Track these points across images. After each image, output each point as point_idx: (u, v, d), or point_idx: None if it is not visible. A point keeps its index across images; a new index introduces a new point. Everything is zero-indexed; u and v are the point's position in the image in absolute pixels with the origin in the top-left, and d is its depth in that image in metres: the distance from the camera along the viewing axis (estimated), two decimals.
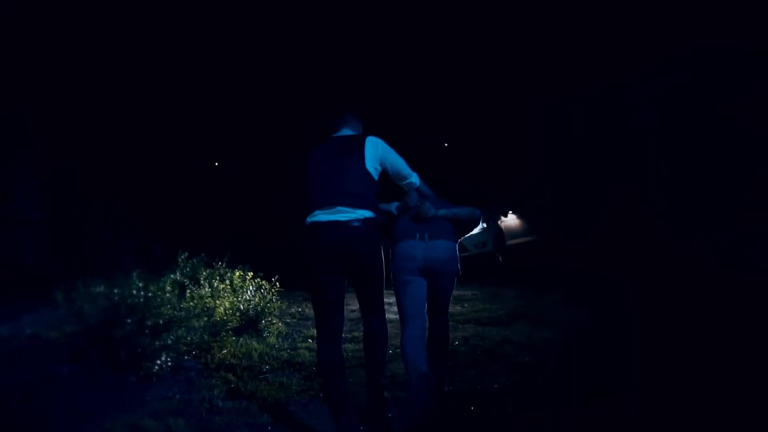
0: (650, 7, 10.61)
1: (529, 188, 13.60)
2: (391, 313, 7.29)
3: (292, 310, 7.58)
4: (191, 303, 5.19)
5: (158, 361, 3.61)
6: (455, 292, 8.35)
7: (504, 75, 13.21)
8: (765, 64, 9.01)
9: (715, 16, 9.57)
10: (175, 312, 3.92)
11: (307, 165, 3.28)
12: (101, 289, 3.77)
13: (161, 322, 3.80)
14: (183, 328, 4.13)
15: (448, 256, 3.51)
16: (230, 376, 3.99)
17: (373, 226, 3.19)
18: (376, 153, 3.26)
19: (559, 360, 4.61)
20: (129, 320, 3.62)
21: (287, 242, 11.70)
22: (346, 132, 3.44)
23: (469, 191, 12.09)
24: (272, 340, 5.29)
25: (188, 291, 5.33)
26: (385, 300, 3.37)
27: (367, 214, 3.15)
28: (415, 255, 3.47)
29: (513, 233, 11.93)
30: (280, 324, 5.88)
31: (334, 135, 3.43)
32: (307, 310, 7.58)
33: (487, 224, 11.12)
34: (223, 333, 5.10)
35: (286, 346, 5.22)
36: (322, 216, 3.13)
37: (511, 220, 11.97)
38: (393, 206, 3.66)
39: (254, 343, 5.03)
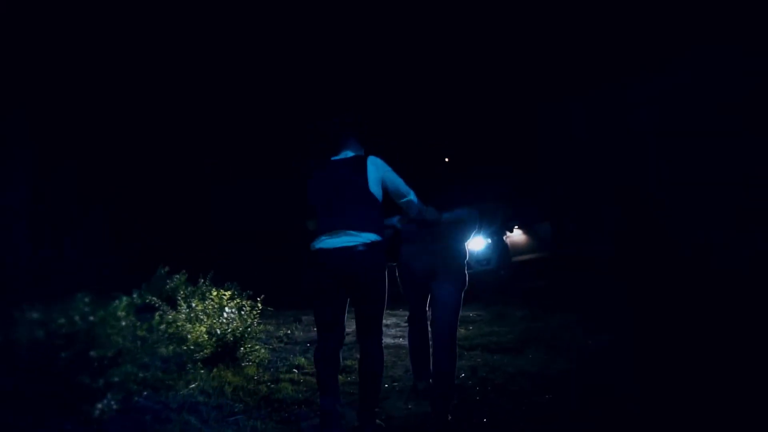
0: (650, 6, 10.47)
1: (535, 200, 12.96)
2: (388, 337, 6.66)
3: (281, 332, 6.90)
4: (161, 328, 4.51)
5: (99, 405, 2.94)
6: (463, 314, 7.75)
7: (504, 78, 13.09)
8: (765, 64, 8.96)
9: (715, 16, 9.52)
10: (127, 342, 3.25)
11: (309, 189, 3.34)
12: (37, 315, 3.12)
13: (109, 354, 3.14)
14: (139, 360, 3.46)
15: (452, 259, 3.59)
16: (193, 419, 3.32)
17: (378, 250, 3.20)
18: (378, 173, 3.28)
19: (583, 398, 3.94)
20: (65, 353, 2.96)
21: (286, 258, 11.22)
22: (347, 153, 3.43)
23: (472, 205, 11.54)
24: (251, 370, 4.62)
25: (158, 314, 4.66)
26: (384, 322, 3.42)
27: (372, 237, 3.17)
28: (420, 259, 3.57)
29: (519, 249, 11.28)
30: (263, 350, 5.21)
31: (335, 158, 3.42)
32: (297, 333, 6.92)
33: (491, 240, 10.48)
34: (193, 363, 4.42)
35: (266, 377, 4.55)
36: (327, 242, 3.17)
37: (517, 236, 11.33)
38: (395, 219, 3.66)
39: (229, 374, 4.36)
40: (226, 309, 5.24)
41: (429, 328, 3.85)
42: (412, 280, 3.75)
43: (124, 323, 3.40)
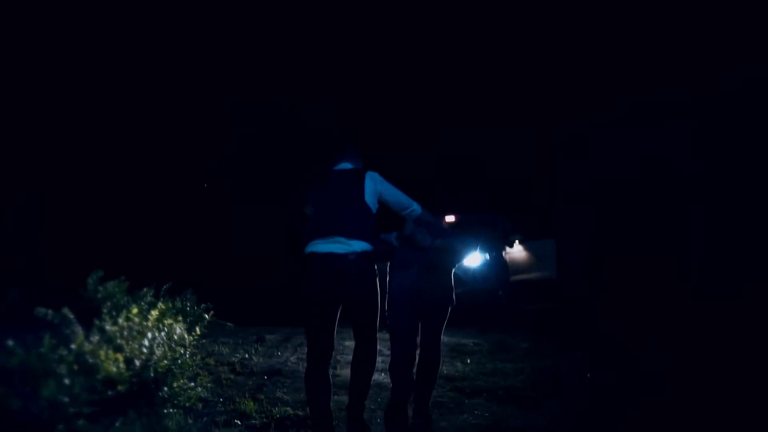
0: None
1: (540, 214, 11.83)
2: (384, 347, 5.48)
3: (236, 356, 5.61)
4: (62, 353, 3.22)
5: None
6: (453, 339, 6.50)
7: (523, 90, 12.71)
8: None
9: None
10: None
11: (307, 199, 3.40)
12: None
13: None
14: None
15: (442, 287, 3.68)
16: None
17: (369, 259, 3.29)
18: (375, 188, 3.38)
19: None
20: None
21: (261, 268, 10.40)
22: (346, 166, 3.50)
23: (472, 214, 10.36)
24: (172, 423, 3.33)
25: (47, 335, 3.35)
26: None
27: (364, 246, 3.26)
28: (410, 284, 3.59)
29: (519, 267, 10.06)
30: (198, 389, 3.92)
31: (335, 168, 3.50)
32: (256, 358, 5.63)
33: (489, 255, 9.26)
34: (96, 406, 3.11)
35: None
36: (319, 246, 3.25)
37: (517, 252, 10.11)
38: (393, 236, 3.73)
39: (137, 429, 3.07)
40: (158, 330, 3.95)
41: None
42: (404, 309, 3.64)
43: None
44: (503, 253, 9.73)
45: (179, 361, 3.74)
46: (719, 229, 9.16)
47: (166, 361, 3.64)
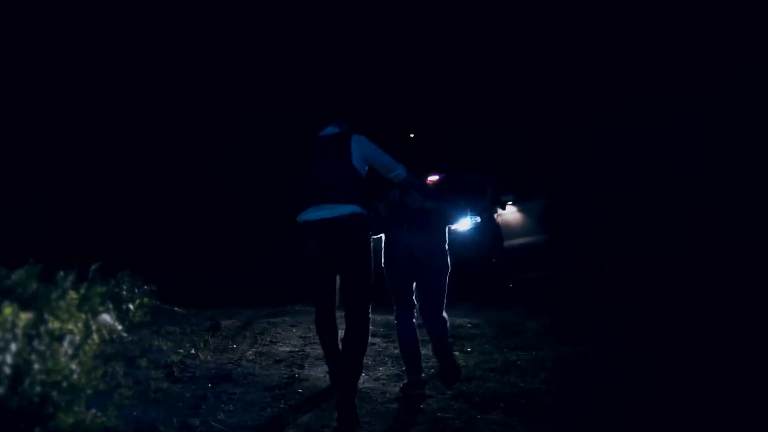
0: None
1: (535, 171, 10.79)
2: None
3: (180, 352, 4.41)
4: None
5: None
6: (450, 321, 5.31)
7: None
8: None
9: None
10: None
11: (296, 164, 3.51)
12: None
13: None
14: None
15: (435, 246, 3.70)
16: None
17: (361, 221, 3.36)
18: (362, 151, 3.43)
19: None
20: None
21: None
22: (332, 130, 3.52)
23: (458, 174, 9.19)
24: None
25: None
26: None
27: (354, 209, 3.32)
28: (402, 244, 3.66)
29: (513, 231, 8.95)
30: (98, 418, 2.72)
31: (320, 134, 3.53)
32: (203, 355, 4.42)
33: (480, 218, 8.13)
34: None
35: None
36: (311, 213, 3.35)
37: (510, 214, 8.98)
38: (379, 206, 3.77)
39: None
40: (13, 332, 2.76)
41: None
42: (398, 268, 3.70)
43: None
44: (495, 216, 8.61)
45: (72, 378, 2.53)
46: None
47: (59, 376, 2.44)
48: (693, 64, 10.39)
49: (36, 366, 2.53)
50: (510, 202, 8.91)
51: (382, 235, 3.79)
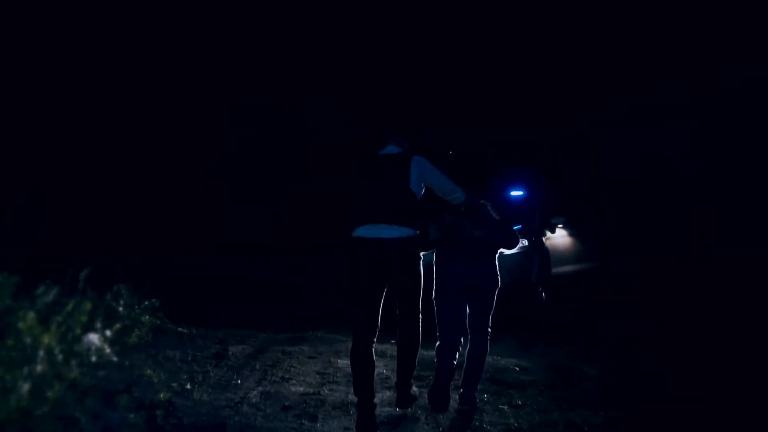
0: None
1: (586, 193, 9.96)
2: None
3: (173, 386, 3.69)
4: None
5: None
6: (489, 359, 4.49)
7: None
8: None
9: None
10: None
11: (354, 181, 3.49)
12: None
13: None
14: None
15: (487, 276, 3.69)
16: None
17: (413, 243, 3.41)
18: (421, 173, 3.44)
19: None
20: None
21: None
22: (392, 149, 3.55)
23: (507, 189, 8.39)
24: None
25: None
26: None
27: (409, 232, 3.36)
28: (455, 276, 3.64)
29: (562, 257, 8.06)
30: None
31: (381, 152, 3.57)
32: (197, 393, 3.69)
33: (528, 242, 7.27)
34: None
35: None
36: (366, 231, 3.35)
37: (560, 238, 8.09)
38: (431, 227, 3.70)
39: None
40: None
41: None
42: (449, 302, 3.69)
43: None
44: (544, 239, 7.74)
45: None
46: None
47: None
48: (693, 64, 10.42)
49: None
50: (560, 225, 8.03)
51: (429, 254, 3.75)
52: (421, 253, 3.55)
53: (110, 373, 3.71)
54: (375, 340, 3.39)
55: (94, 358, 3.58)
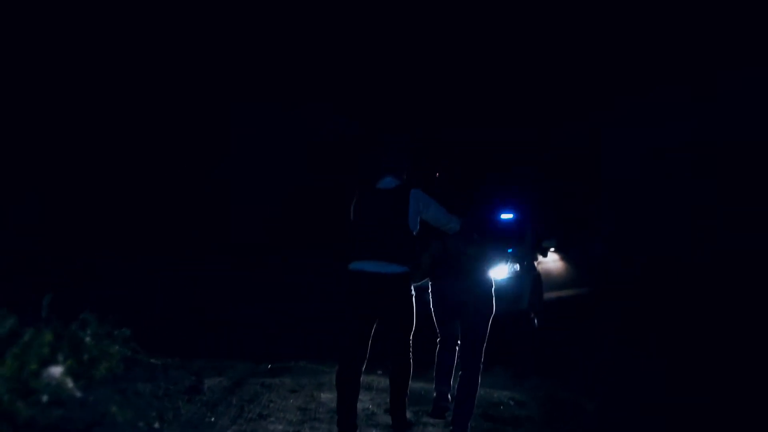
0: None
1: (579, 217, 9.84)
2: None
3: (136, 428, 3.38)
4: None
5: None
6: (480, 391, 4.19)
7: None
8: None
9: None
10: None
11: (354, 212, 3.55)
12: None
13: None
14: None
15: (480, 291, 3.66)
16: None
17: (407, 279, 3.45)
18: (417, 207, 3.48)
19: None
20: None
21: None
22: (390, 182, 3.57)
23: (499, 212, 8.19)
24: None
25: None
26: None
27: (401, 269, 3.39)
28: (447, 293, 3.71)
29: (554, 282, 7.85)
30: None
31: (379, 186, 3.57)
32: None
33: (520, 266, 7.05)
34: None
35: None
36: (362, 265, 3.39)
37: (552, 262, 7.90)
38: (424, 257, 3.73)
39: None
40: None
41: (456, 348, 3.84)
42: (443, 311, 3.78)
43: None
44: (536, 263, 7.53)
45: None
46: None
47: None
48: (693, 64, 10.46)
49: None
50: (552, 249, 7.82)
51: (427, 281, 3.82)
52: (414, 285, 3.54)
53: (70, 412, 3.39)
54: (363, 369, 3.39)
55: (50, 396, 3.29)
